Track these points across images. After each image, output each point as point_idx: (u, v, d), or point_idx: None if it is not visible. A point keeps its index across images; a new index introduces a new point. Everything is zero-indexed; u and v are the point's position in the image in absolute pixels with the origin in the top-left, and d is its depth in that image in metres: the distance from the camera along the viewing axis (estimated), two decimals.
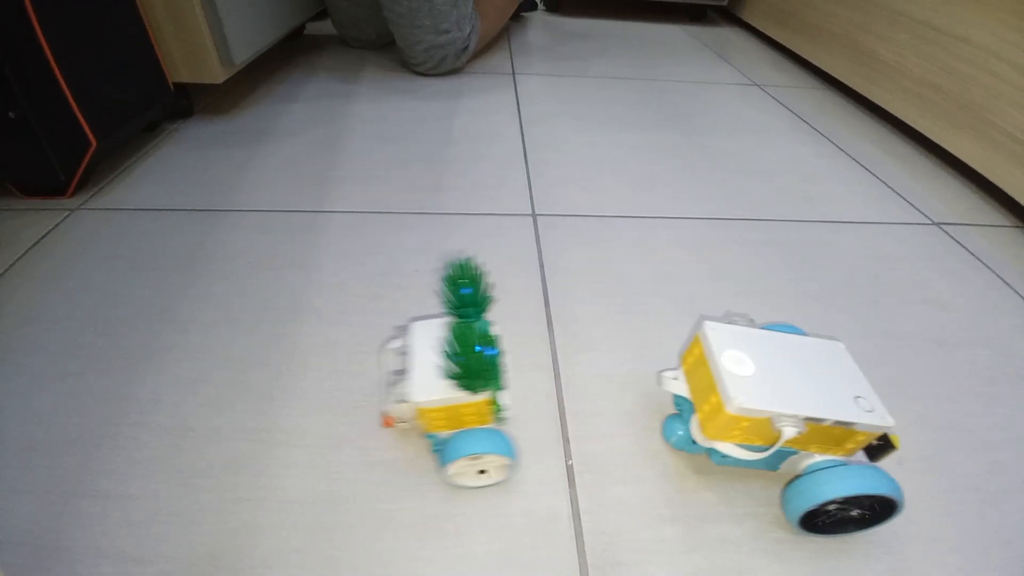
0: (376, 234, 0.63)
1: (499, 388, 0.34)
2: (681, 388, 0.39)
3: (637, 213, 0.70)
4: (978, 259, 0.67)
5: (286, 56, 1.16)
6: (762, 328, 0.39)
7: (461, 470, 0.36)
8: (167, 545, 0.34)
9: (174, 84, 0.79)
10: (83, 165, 0.65)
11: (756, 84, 1.19)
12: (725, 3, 1.67)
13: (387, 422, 0.40)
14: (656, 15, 1.74)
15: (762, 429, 0.34)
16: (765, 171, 0.83)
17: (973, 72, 0.82)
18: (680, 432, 0.40)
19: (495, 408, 0.36)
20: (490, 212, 0.68)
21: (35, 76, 0.58)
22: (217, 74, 0.79)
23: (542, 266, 0.59)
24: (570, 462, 0.41)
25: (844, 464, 0.35)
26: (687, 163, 0.83)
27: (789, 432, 0.33)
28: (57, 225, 0.61)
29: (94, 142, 0.64)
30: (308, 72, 1.08)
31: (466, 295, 0.36)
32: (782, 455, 0.37)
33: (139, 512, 0.36)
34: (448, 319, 0.37)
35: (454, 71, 1.12)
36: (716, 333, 0.37)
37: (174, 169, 0.73)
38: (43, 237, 0.59)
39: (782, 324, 0.42)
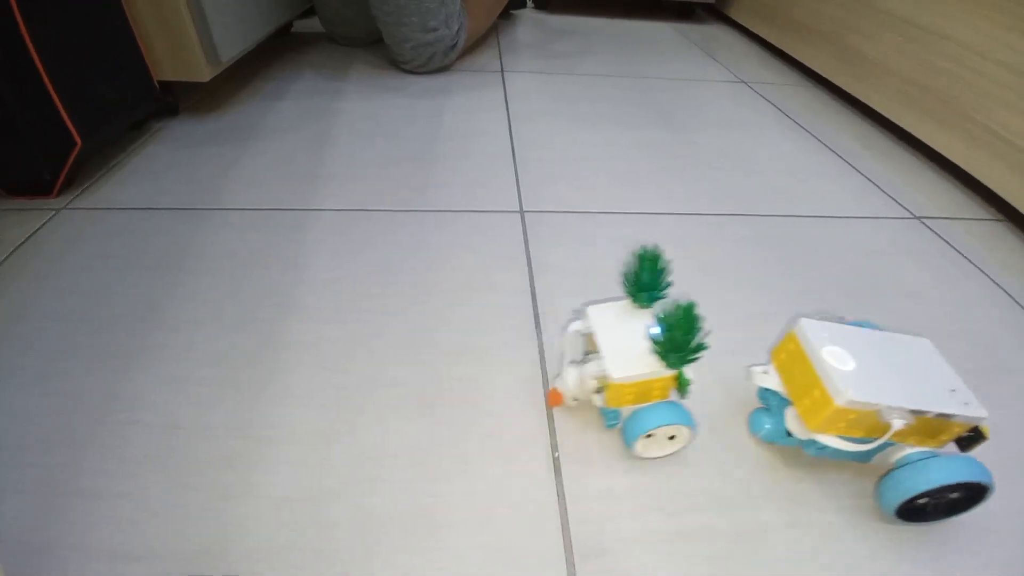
0: (364, 231, 0.63)
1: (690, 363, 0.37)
2: (771, 382, 0.40)
3: (624, 209, 0.71)
4: (959, 252, 0.68)
5: (274, 54, 1.15)
6: (849, 325, 0.40)
7: (648, 442, 0.39)
8: (157, 542, 0.34)
9: (160, 82, 0.79)
10: (68, 164, 0.64)
11: (743, 81, 1.20)
12: (713, 1, 1.68)
13: (555, 400, 0.42)
14: (645, 13, 1.75)
15: (867, 422, 0.36)
16: (751, 168, 0.84)
17: (955, 69, 0.83)
18: (768, 425, 0.41)
19: (683, 382, 0.38)
20: (478, 209, 0.68)
21: (20, 75, 0.58)
22: (203, 72, 0.79)
23: (529, 262, 0.60)
24: (556, 454, 0.41)
25: (936, 455, 0.36)
26: (674, 160, 0.84)
27: (898, 424, 0.34)
28: (43, 225, 0.61)
29: (79, 141, 0.63)
30: (296, 70, 1.08)
31: (648, 280, 0.39)
32: (879, 447, 0.38)
33: (129, 510, 0.36)
34: (626, 301, 0.41)
35: (442, 69, 1.12)
36: (813, 330, 0.38)
37: (160, 168, 0.73)
38: (29, 237, 0.59)
39: (863, 322, 0.44)
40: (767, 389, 0.42)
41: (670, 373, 0.37)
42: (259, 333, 0.49)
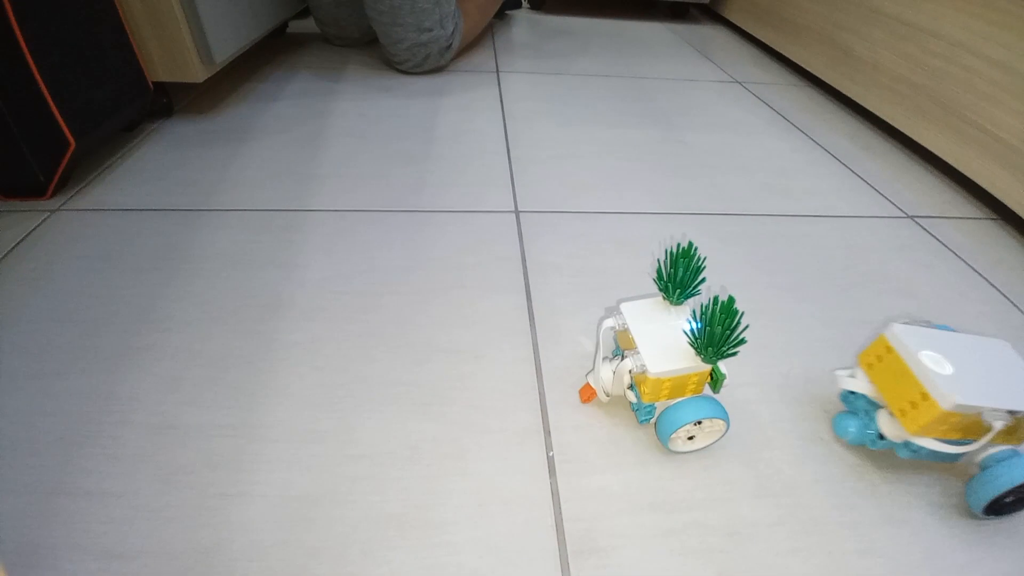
0: (358, 232, 0.63)
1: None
2: (860, 386, 0.41)
3: (619, 209, 0.71)
4: (950, 250, 0.69)
5: (268, 54, 1.15)
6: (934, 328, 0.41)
7: (681, 435, 0.40)
8: (148, 541, 0.34)
9: (154, 83, 0.79)
10: (62, 166, 0.64)
11: (737, 81, 1.20)
12: (707, 1, 1.68)
13: (587, 395, 0.44)
14: (639, 13, 1.75)
15: (968, 424, 0.37)
16: (744, 167, 0.84)
17: (945, 67, 0.84)
18: (853, 429, 0.42)
19: (718, 377, 0.39)
20: (473, 209, 0.68)
21: (13, 76, 0.58)
22: (197, 73, 0.79)
23: (524, 261, 0.60)
24: (551, 453, 0.41)
25: (1017, 452, 0.38)
26: (668, 160, 0.84)
27: (999, 425, 0.35)
28: (37, 226, 0.61)
29: (72, 142, 0.63)
30: (290, 70, 1.08)
31: (683, 277, 0.40)
32: (975, 448, 0.39)
33: (120, 509, 0.36)
34: (659, 298, 0.42)
35: (437, 69, 1.12)
36: (908, 334, 0.39)
37: (154, 169, 0.73)
38: (23, 239, 0.59)
39: (943, 325, 0.44)
40: (852, 392, 0.43)
41: (706, 368, 0.38)
42: (251, 333, 0.49)
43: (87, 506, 0.36)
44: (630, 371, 0.40)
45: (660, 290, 0.41)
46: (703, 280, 0.40)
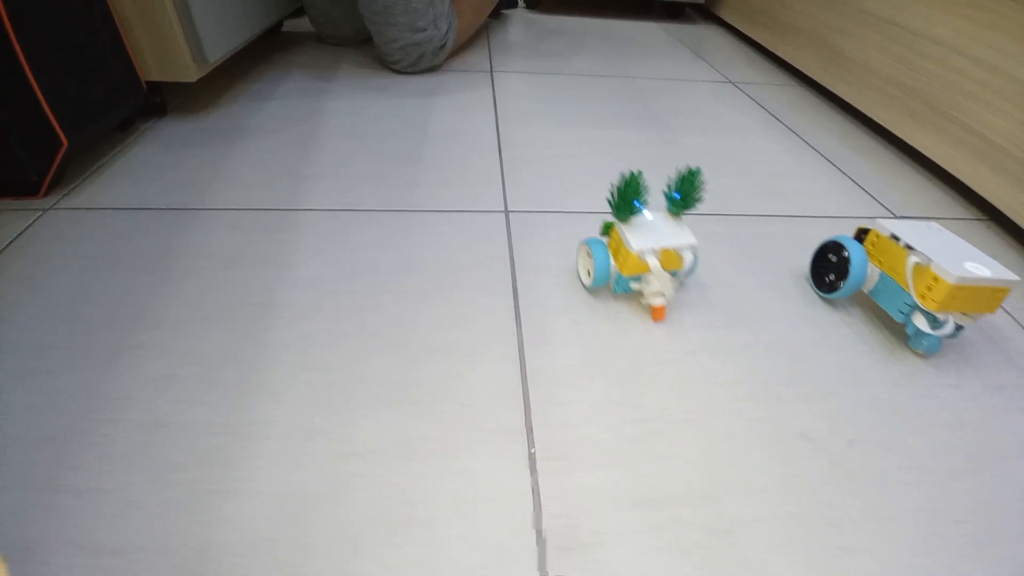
0: (349, 231, 0.63)
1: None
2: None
3: (608, 209, 0.71)
4: None
5: (262, 53, 1.15)
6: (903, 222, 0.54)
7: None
8: (140, 537, 0.35)
9: (147, 82, 0.79)
10: (55, 165, 0.65)
11: (730, 81, 1.21)
12: (702, 1, 1.69)
13: (659, 314, 0.55)
14: (635, 13, 1.76)
15: (978, 296, 0.48)
16: (735, 167, 0.85)
17: (935, 68, 0.84)
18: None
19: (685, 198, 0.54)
20: (464, 209, 0.69)
21: (6, 75, 0.58)
22: (190, 72, 0.79)
23: (512, 261, 0.61)
24: (533, 450, 0.42)
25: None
26: (659, 160, 0.85)
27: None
28: (30, 225, 0.61)
29: (65, 141, 0.64)
30: (284, 70, 1.08)
31: (686, 192, 0.53)
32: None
33: (113, 505, 0.36)
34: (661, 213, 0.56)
35: (432, 69, 1.12)
36: (893, 227, 0.53)
37: (147, 168, 0.73)
38: (16, 238, 0.59)
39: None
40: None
41: (688, 241, 0.53)
42: (242, 332, 0.49)
43: (80, 503, 0.36)
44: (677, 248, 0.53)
45: (611, 205, 0.53)
46: (646, 200, 0.52)
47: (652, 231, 0.53)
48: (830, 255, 0.57)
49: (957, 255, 0.48)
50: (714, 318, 0.55)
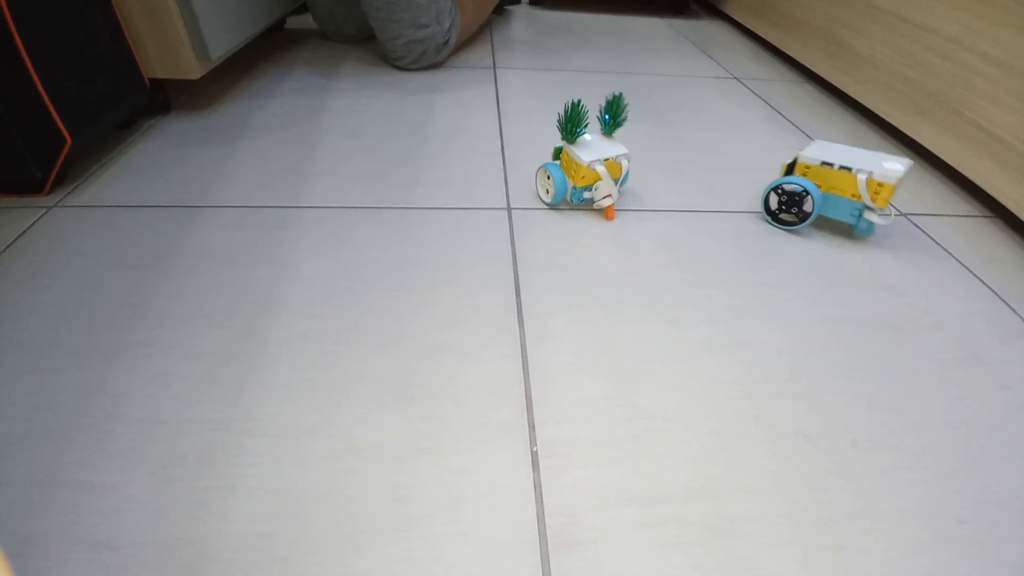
0: (350, 229, 0.63)
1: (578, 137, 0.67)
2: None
3: (559, 138, 0.71)
4: (943, 248, 0.69)
5: (265, 51, 1.16)
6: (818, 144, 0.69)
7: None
8: (139, 532, 0.35)
9: (150, 80, 0.79)
10: (59, 162, 0.65)
11: (735, 77, 1.20)
12: None
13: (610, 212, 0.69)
14: (639, 8, 1.75)
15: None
16: (737, 164, 0.84)
17: (942, 63, 0.83)
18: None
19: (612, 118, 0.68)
20: (466, 206, 0.69)
21: (9, 73, 0.59)
22: (193, 70, 0.79)
23: (515, 258, 0.61)
24: (535, 448, 0.42)
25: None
26: (661, 156, 0.85)
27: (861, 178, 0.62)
28: (34, 223, 0.62)
29: (69, 139, 0.64)
30: (287, 67, 1.08)
31: (572, 119, 0.64)
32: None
33: (112, 501, 0.37)
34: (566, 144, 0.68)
35: (435, 65, 1.12)
36: (816, 156, 0.66)
37: (150, 166, 0.73)
38: (20, 235, 0.60)
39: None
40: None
41: (621, 152, 0.67)
42: (242, 329, 0.50)
43: (79, 498, 0.37)
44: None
45: (560, 131, 0.66)
46: (587, 124, 0.66)
47: (595, 148, 0.66)
48: (784, 195, 0.67)
49: (876, 160, 0.64)
50: (714, 316, 0.55)
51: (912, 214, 0.76)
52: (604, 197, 0.67)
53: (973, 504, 0.41)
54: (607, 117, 0.67)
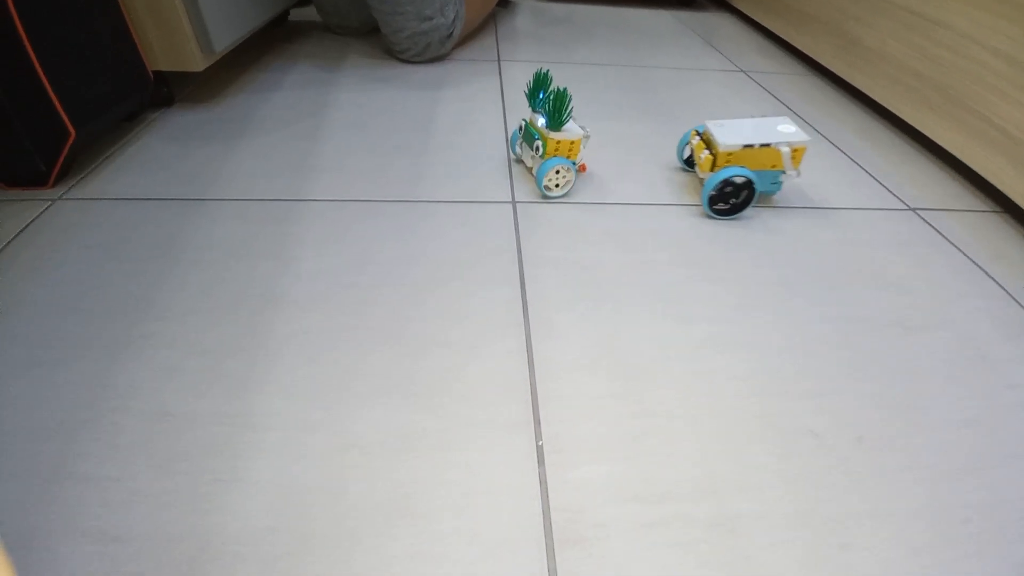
0: (355, 222, 0.63)
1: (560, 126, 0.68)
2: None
3: (616, 200, 0.71)
4: (952, 244, 0.68)
5: (269, 44, 1.15)
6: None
7: (549, 182, 0.69)
8: (145, 524, 0.35)
9: (154, 73, 0.79)
10: (63, 155, 0.65)
11: (742, 70, 1.19)
12: None
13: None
14: (645, 0, 1.73)
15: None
16: None
17: (952, 58, 0.82)
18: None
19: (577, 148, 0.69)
20: (470, 200, 0.69)
21: (14, 66, 0.59)
22: (197, 62, 0.79)
23: (520, 252, 0.60)
24: (540, 443, 0.42)
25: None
26: (666, 152, 0.84)
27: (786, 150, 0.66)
28: (39, 216, 0.62)
29: (73, 132, 0.64)
30: (291, 60, 1.08)
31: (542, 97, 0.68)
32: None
33: (118, 494, 0.37)
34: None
35: (439, 58, 1.12)
36: (731, 141, 0.66)
37: (154, 158, 0.73)
38: (24, 228, 0.60)
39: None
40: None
41: (576, 137, 0.68)
42: (246, 323, 0.50)
43: (85, 491, 0.37)
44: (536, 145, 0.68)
45: (528, 101, 0.70)
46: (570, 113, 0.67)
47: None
48: (727, 188, 0.67)
49: (773, 127, 0.68)
50: (720, 313, 0.55)
51: (920, 209, 0.75)
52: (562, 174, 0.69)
53: (978, 504, 0.40)
54: (540, 97, 0.68)
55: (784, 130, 0.67)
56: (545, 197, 0.70)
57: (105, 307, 0.50)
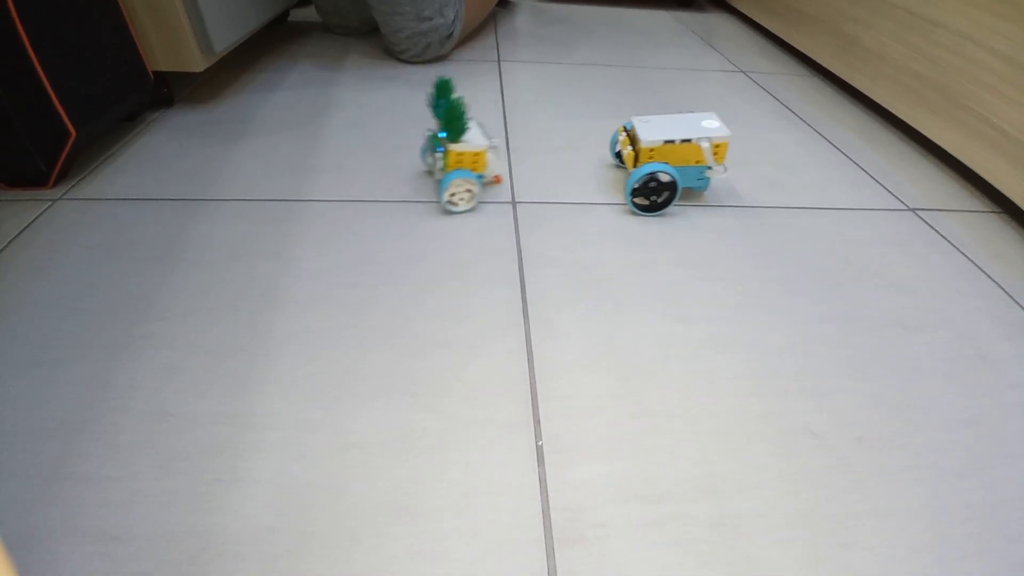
0: (354, 222, 0.63)
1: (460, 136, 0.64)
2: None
3: (617, 201, 0.71)
4: (951, 244, 0.68)
5: (269, 44, 1.15)
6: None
7: (450, 195, 0.65)
8: (145, 524, 0.35)
9: (154, 73, 0.79)
10: (63, 155, 0.65)
11: (741, 71, 1.19)
12: None
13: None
14: (645, 1, 1.73)
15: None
16: (744, 158, 0.83)
17: (951, 58, 0.82)
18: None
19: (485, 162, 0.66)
20: None
21: (14, 67, 0.59)
22: (197, 63, 0.79)
23: (520, 253, 0.60)
24: (540, 443, 0.42)
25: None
26: None
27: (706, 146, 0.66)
28: (39, 216, 0.62)
29: (73, 132, 0.64)
30: (291, 60, 1.08)
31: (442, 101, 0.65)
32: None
33: (118, 493, 0.37)
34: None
35: (439, 58, 1.12)
36: (655, 136, 0.66)
37: (154, 159, 0.73)
38: (25, 228, 0.60)
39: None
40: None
41: (479, 149, 0.65)
42: (246, 323, 0.50)
43: (85, 491, 0.37)
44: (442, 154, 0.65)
45: (432, 109, 0.68)
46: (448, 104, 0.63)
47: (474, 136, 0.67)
48: (651, 184, 0.67)
49: (697, 123, 0.68)
50: (720, 313, 0.55)
51: (919, 209, 0.75)
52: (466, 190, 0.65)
53: (978, 503, 0.40)
54: (443, 134, 0.63)
55: (707, 125, 0.67)
56: (448, 212, 0.66)
57: (105, 307, 0.50)
